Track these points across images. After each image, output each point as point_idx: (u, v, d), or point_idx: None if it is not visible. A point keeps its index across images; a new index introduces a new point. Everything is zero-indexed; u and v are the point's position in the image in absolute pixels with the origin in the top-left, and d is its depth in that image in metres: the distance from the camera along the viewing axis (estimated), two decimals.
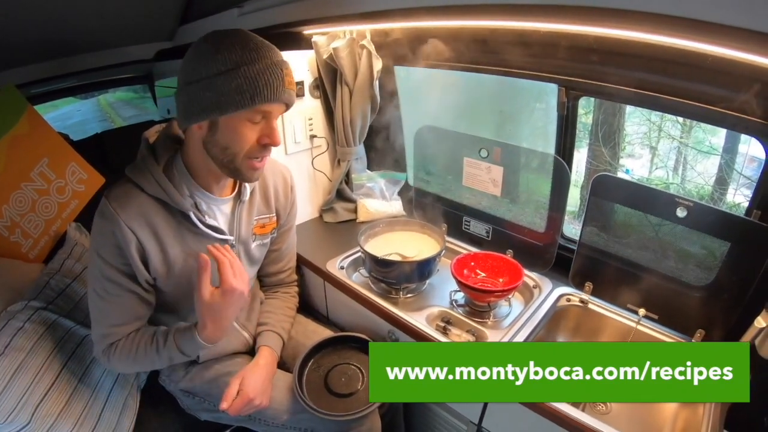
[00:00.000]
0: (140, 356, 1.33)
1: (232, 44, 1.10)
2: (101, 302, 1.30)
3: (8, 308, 1.52)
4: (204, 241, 1.33)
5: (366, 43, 1.92)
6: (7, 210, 1.88)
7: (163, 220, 1.27)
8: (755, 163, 3.37)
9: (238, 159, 1.22)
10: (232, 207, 1.43)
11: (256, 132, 1.20)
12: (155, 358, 1.34)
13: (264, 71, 1.11)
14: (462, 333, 1.59)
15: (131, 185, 1.23)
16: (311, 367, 1.61)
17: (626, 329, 1.58)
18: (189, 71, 1.13)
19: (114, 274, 1.27)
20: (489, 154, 1.82)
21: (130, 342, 1.34)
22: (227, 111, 1.12)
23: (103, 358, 1.36)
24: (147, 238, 1.25)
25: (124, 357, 1.34)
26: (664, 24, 0.84)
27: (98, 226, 1.24)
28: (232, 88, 1.09)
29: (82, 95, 7.12)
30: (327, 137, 2.27)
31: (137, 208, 1.22)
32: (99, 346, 1.35)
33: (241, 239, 1.46)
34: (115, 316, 1.32)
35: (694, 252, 1.45)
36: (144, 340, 1.34)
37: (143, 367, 1.49)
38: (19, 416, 1.29)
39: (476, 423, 1.56)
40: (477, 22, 1.33)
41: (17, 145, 1.90)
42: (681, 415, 1.44)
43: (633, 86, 1.41)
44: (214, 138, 1.19)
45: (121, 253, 1.23)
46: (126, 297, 1.31)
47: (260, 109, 1.15)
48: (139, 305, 1.35)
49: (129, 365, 1.39)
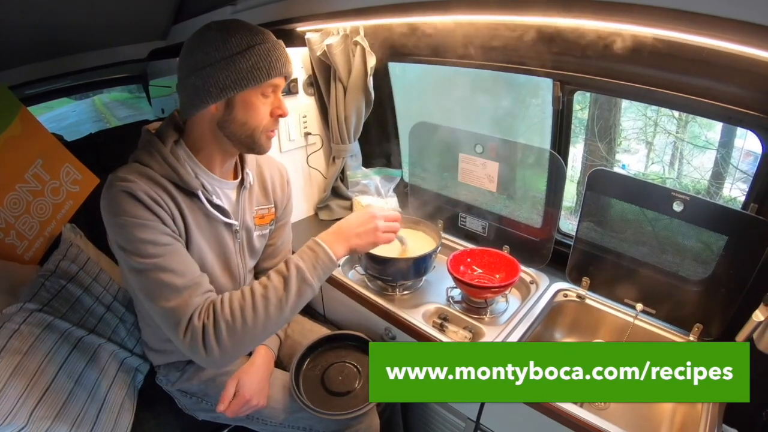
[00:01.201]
0: (258, 294, 1.19)
1: (240, 28, 1.17)
2: (162, 261, 1.15)
3: (4, 311, 1.51)
4: (213, 224, 1.35)
5: (359, 40, 1.91)
6: (2, 212, 1.87)
7: (178, 194, 1.25)
8: (751, 158, 3.38)
9: (257, 132, 1.28)
10: (236, 193, 1.44)
11: (268, 106, 1.27)
12: (282, 297, 1.20)
13: (273, 49, 1.20)
14: (459, 330, 1.59)
15: (139, 165, 1.21)
16: (308, 366, 1.61)
17: (624, 324, 1.58)
18: (199, 58, 1.16)
19: (155, 225, 1.16)
20: (484, 149, 1.82)
21: (238, 292, 1.20)
22: (247, 86, 1.18)
23: (207, 326, 1.14)
24: (168, 201, 1.21)
25: (236, 306, 1.17)
26: (658, 16, 0.84)
27: (114, 198, 1.14)
28: (250, 65, 1.16)
29: (77, 96, 7.11)
30: (321, 134, 2.27)
31: (152, 179, 1.20)
32: (197, 314, 1.15)
33: (245, 226, 1.46)
34: (190, 262, 1.22)
35: (691, 246, 1.45)
36: (256, 284, 1.22)
37: (257, 319, 1.18)
38: (16, 418, 1.28)
39: (474, 420, 1.56)
40: (469, 17, 1.33)
41: (11, 147, 1.89)
42: (680, 410, 1.45)
43: (628, 80, 1.40)
44: (231, 116, 1.23)
45: (148, 207, 1.15)
46: (180, 245, 1.22)
47: (272, 83, 1.23)
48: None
49: (242, 324, 1.16)
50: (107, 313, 1.75)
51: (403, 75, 2.26)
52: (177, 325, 1.13)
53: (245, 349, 1.20)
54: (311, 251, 1.27)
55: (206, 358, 1.15)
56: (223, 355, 1.15)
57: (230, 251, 1.43)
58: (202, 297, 1.18)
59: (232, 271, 1.47)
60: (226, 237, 1.41)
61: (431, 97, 2.15)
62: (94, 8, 1.86)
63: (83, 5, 1.79)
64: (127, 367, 1.69)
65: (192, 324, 1.13)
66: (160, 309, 1.15)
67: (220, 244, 1.40)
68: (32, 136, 1.95)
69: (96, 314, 1.72)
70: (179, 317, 1.13)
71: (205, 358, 1.15)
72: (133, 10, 2.06)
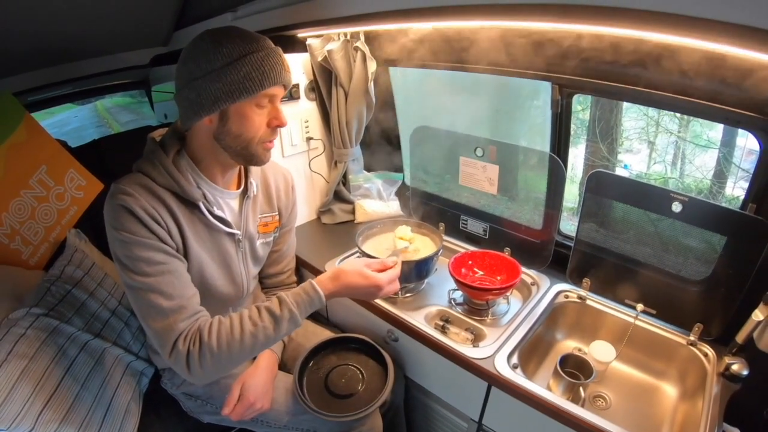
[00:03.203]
0: (248, 332, 1.20)
1: (232, 37, 1.14)
2: (153, 281, 1.17)
3: (10, 315, 1.52)
4: (214, 234, 1.36)
5: (360, 45, 1.93)
6: (7, 218, 1.89)
7: (177, 207, 1.26)
8: (753, 156, 3.37)
9: (253, 144, 1.26)
10: (239, 203, 1.45)
11: (264, 116, 1.25)
12: (271, 336, 1.22)
13: (267, 57, 1.16)
14: (461, 331, 1.60)
15: (141, 176, 1.22)
16: (311, 369, 1.62)
17: (625, 324, 1.59)
18: (192, 69, 1.15)
19: (151, 243, 1.18)
20: (484, 153, 1.83)
21: (228, 321, 1.21)
22: (239, 98, 1.15)
23: (192, 352, 1.16)
24: (165, 215, 1.22)
25: (223, 338, 1.18)
26: (654, 20, 0.84)
27: (114, 212, 1.16)
28: (241, 76, 1.13)
29: (79, 101, 7.14)
30: (323, 139, 2.28)
31: (152, 193, 1.21)
32: (182, 339, 1.17)
33: (247, 235, 1.47)
34: (180, 285, 1.22)
35: (691, 246, 1.45)
36: (247, 313, 1.23)
37: (243, 351, 1.20)
38: (22, 423, 1.29)
39: (477, 420, 1.57)
40: (468, 23, 1.34)
41: (15, 153, 1.90)
42: (680, 409, 1.45)
43: (626, 82, 1.41)
44: (225, 128, 1.22)
45: (145, 224, 1.17)
46: (176, 264, 1.23)
47: (267, 93, 1.20)
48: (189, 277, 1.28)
49: (227, 354, 1.18)
50: (112, 317, 1.77)
51: (402, 79, 2.27)
52: (163, 347, 1.17)
53: (225, 372, 1.27)
54: (308, 296, 1.26)
55: (189, 376, 1.19)
56: (206, 376, 1.20)
57: (233, 260, 1.44)
58: (188, 321, 1.19)
59: (235, 279, 1.48)
60: (229, 246, 1.41)
61: (431, 100, 2.16)
62: (96, 16, 1.87)
63: (86, 13, 1.80)
64: (132, 371, 1.70)
65: (177, 348, 1.16)
66: (148, 328, 1.19)
67: (222, 253, 1.40)
68: (36, 142, 1.97)
69: (101, 318, 1.73)
70: (165, 340, 1.16)
71: (188, 376, 1.19)
72: (135, 17, 2.07)
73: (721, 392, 1.29)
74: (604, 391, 1.54)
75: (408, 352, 1.71)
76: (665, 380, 1.55)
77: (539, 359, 1.66)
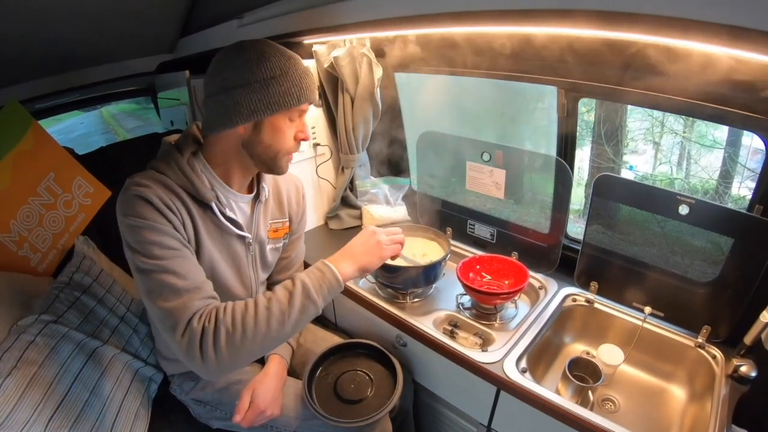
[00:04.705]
0: (262, 306, 1.17)
1: (275, 53, 1.20)
2: (167, 263, 1.15)
3: (19, 322, 1.53)
4: (225, 236, 1.37)
5: (366, 51, 1.93)
6: (15, 225, 1.90)
7: (191, 203, 1.26)
8: (759, 155, 3.37)
9: (281, 155, 1.32)
10: (251, 207, 1.46)
11: (293, 129, 1.31)
12: (286, 311, 1.18)
13: (304, 75, 1.24)
14: (469, 336, 1.60)
15: (156, 173, 1.23)
16: (321, 374, 1.62)
17: (633, 327, 1.58)
18: (230, 76, 1.18)
19: (165, 229, 1.17)
20: (491, 157, 1.83)
21: (242, 302, 1.18)
22: (278, 111, 1.22)
23: (207, 329, 1.12)
24: (180, 207, 1.22)
25: (238, 316, 1.14)
26: (660, 25, 0.85)
27: (128, 201, 1.16)
28: (283, 90, 1.20)
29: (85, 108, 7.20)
30: (330, 145, 2.29)
31: (167, 187, 1.22)
32: (197, 317, 1.13)
33: (258, 239, 1.48)
34: (194, 269, 1.21)
35: (698, 248, 1.45)
36: (260, 297, 1.20)
37: (258, 331, 1.15)
38: (32, 429, 1.30)
39: (486, 425, 1.57)
40: (474, 29, 1.34)
41: (23, 161, 1.91)
42: (689, 412, 1.45)
43: (630, 86, 1.41)
44: (258, 138, 1.27)
45: (161, 211, 1.17)
46: (188, 252, 1.22)
47: (300, 108, 1.27)
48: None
49: (242, 334, 1.13)
50: (121, 324, 1.77)
51: (408, 84, 2.27)
52: (175, 326, 1.11)
53: (240, 362, 1.17)
54: (318, 271, 1.27)
55: (201, 364, 1.11)
56: (219, 364, 1.12)
57: (242, 263, 1.45)
58: (203, 302, 1.16)
59: (245, 282, 1.49)
60: (239, 249, 1.43)
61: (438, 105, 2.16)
62: (103, 24, 1.88)
63: (92, 21, 1.81)
64: (141, 377, 1.71)
65: (191, 326, 1.11)
66: (159, 309, 1.13)
67: (232, 255, 1.42)
68: (44, 149, 1.98)
69: (110, 325, 1.74)
70: (177, 318, 1.11)
71: (201, 364, 1.11)
72: (141, 24, 2.08)
73: (730, 394, 1.29)
74: (612, 394, 1.53)
75: (417, 357, 1.71)
76: (673, 383, 1.55)
77: (548, 363, 1.66)
